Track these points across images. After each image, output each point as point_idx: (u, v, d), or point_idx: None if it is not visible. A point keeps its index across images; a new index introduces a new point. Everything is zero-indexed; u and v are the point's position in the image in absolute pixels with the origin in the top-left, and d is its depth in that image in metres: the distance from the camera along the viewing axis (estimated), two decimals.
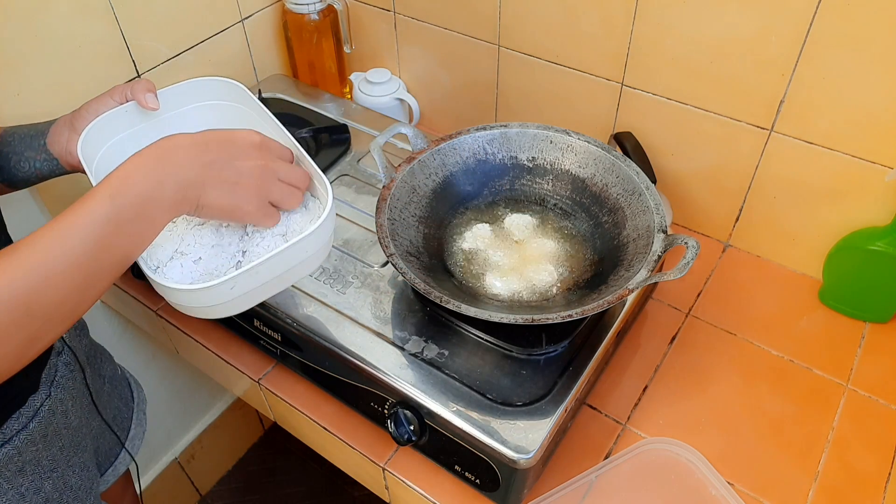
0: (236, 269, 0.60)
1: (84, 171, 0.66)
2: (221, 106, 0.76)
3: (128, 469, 0.94)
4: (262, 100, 0.80)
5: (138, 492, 1.01)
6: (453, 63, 1.09)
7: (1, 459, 0.63)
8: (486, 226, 0.81)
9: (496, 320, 0.65)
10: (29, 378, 0.66)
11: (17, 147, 0.71)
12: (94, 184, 0.62)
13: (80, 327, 0.83)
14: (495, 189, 0.85)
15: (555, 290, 0.75)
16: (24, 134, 0.71)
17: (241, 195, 0.58)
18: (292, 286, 0.79)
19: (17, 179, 0.72)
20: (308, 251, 0.62)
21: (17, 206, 0.92)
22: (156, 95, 0.69)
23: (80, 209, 0.49)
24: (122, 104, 0.69)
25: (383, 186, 0.78)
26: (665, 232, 0.71)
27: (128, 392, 0.93)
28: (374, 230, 0.73)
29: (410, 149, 0.82)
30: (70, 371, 0.72)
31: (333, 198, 0.62)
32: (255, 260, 0.59)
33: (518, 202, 0.85)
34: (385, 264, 0.82)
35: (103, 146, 0.69)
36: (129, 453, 0.90)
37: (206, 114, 0.76)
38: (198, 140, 0.57)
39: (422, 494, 0.74)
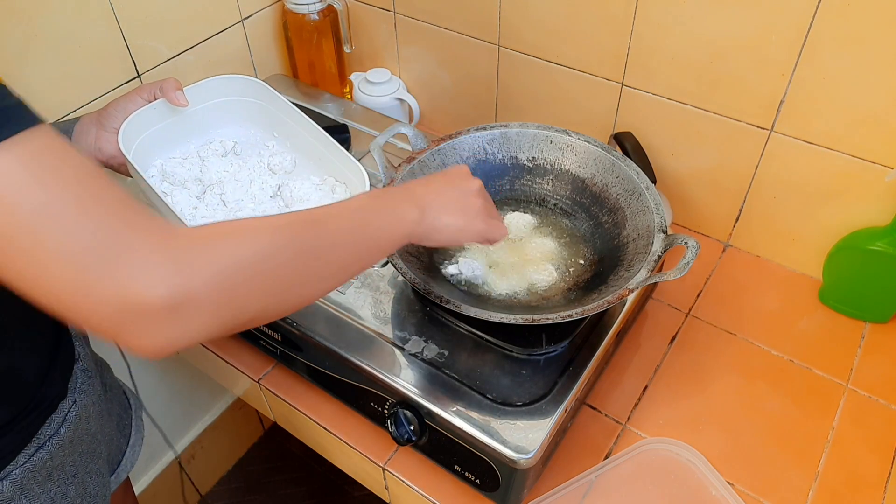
0: None
1: (113, 167, 0.74)
2: (244, 102, 0.83)
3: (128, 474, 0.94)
4: None
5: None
6: (453, 63, 1.09)
7: (36, 464, 0.64)
8: None
9: (496, 320, 0.65)
10: (60, 383, 0.67)
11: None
12: (136, 168, 0.71)
13: (85, 337, 0.83)
14: (495, 189, 0.85)
15: (555, 290, 0.75)
16: None
17: (470, 217, 0.64)
18: None
19: None
20: None
21: None
22: (183, 93, 0.75)
23: (354, 199, 0.59)
24: (150, 101, 0.75)
25: (383, 186, 0.78)
26: (665, 232, 0.71)
27: (125, 399, 0.93)
28: None
29: (410, 149, 0.82)
30: (88, 377, 0.73)
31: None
32: None
33: (518, 202, 0.85)
34: (385, 264, 0.82)
35: (136, 140, 0.75)
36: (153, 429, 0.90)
37: (230, 109, 0.83)
38: (437, 176, 0.66)
39: (422, 494, 0.74)
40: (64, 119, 0.91)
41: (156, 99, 0.75)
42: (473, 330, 0.74)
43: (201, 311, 0.42)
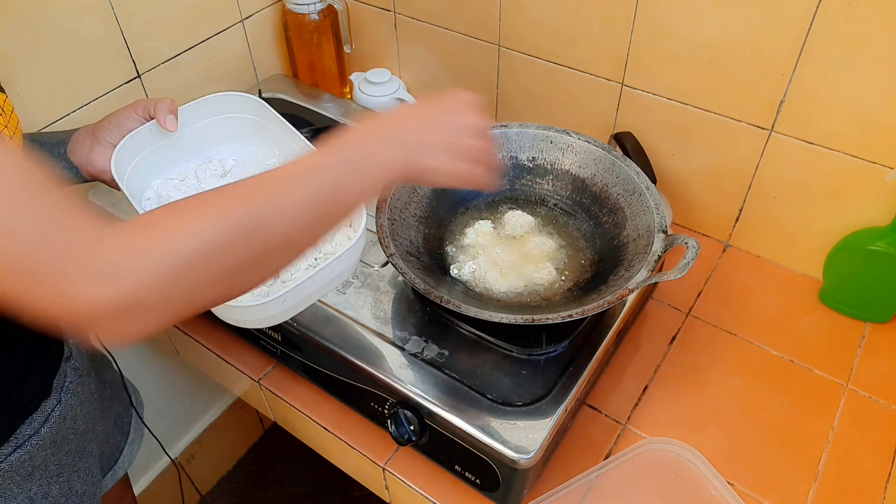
0: (281, 284, 0.68)
1: (105, 182, 0.73)
2: (240, 119, 0.82)
3: (126, 472, 0.94)
4: (263, 100, 0.81)
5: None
6: (453, 63, 1.09)
7: (14, 464, 0.63)
8: (488, 222, 0.82)
9: (496, 320, 0.65)
10: (41, 383, 0.66)
11: (38, 154, 0.72)
12: (128, 197, 0.70)
13: None
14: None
15: (555, 290, 0.75)
16: (45, 142, 0.73)
17: (459, 159, 0.56)
18: None
19: None
20: (348, 261, 0.69)
21: None
22: (176, 117, 0.73)
23: (308, 158, 0.51)
24: (145, 118, 0.74)
25: (383, 186, 0.78)
26: (665, 232, 0.71)
27: (126, 397, 0.93)
28: (375, 230, 0.73)
29: None
30: (78, 376, 0.72)
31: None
32: (294, 276, 0.68)
33: (518, 202, 0.85)
34: (385, 264, 0.82)
35: (131, 163, 0.74)
36: (142, 437, 0.90)
37: (225, 126, 0.81)
38: (419, 106, 0.58)
39: (422, 494, 0.74)
40: (60, 125, 0.91)
41: (151, 118, 0.74)
42: (473, 330, 0.74)
43: (150, 309, 0.42)
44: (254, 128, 0.82)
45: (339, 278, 0.70)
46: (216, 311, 0.66)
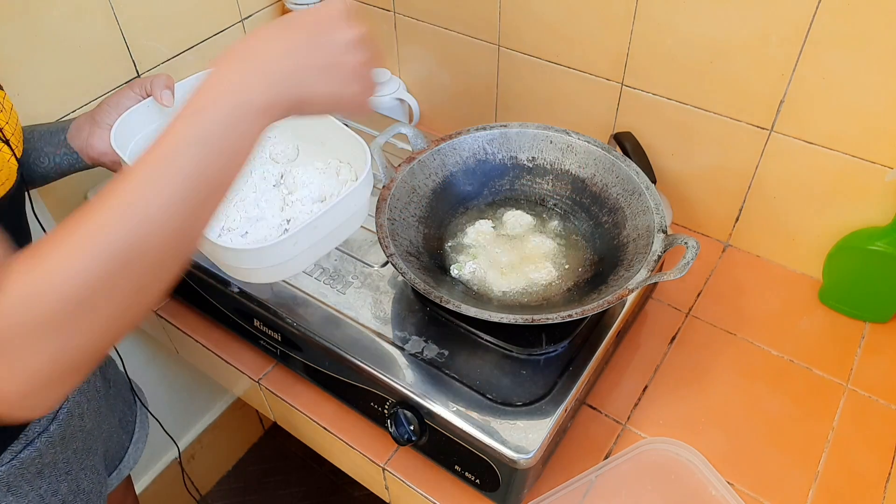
0: (285, 235, 0.63)
1: (105, 165, 0.73)
2: None
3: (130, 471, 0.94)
4: None
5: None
6: (453, 63, 1.09)
7: (24, 462, 0.64)
8: (488, 222, 0.82)
9: (496, 320, 0.65)
10: None
11: (37, 143, 0.72)
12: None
13: None
14: (495, 189, 0.85)
15: (555, 290, 0.75)
16: (44, 130, 0.73)
17: (344, 82, 0.49)
18: (292, 286, 0.80)
19: (35, 175, 0.73)
20: (355, 206, 0.68)
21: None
22: (172, 92, 0.71)
23: (165, 138, 0.43)
24: (142, 97, 0.72)
25: (383, 186, 0.78)
26: (665, 232, 0.71)
27: (131, 395, 0.93)
28: (374, 230, 0.73)
29: (410, 149, 0.82)
30: None
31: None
32: (301, 223, 0.65)
33: (518, 202, 0.85)
34: (385, 264, 0.82)
35: (132, 140, 0.72)
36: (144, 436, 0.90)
37: None
38: (278, 27, 0.48)
39: (422, 494, 0.74)
40: (63, 119, 0.91)
41: (148, 95, 0.73)
42: (473, 330, 0.74)
43: (49, 387, 0.39)
44: None
45: (351, 223, 0.70)
46: (228, 270, 0.65)
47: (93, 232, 0.39)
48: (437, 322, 0.75)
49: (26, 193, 0.66)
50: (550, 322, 0.64)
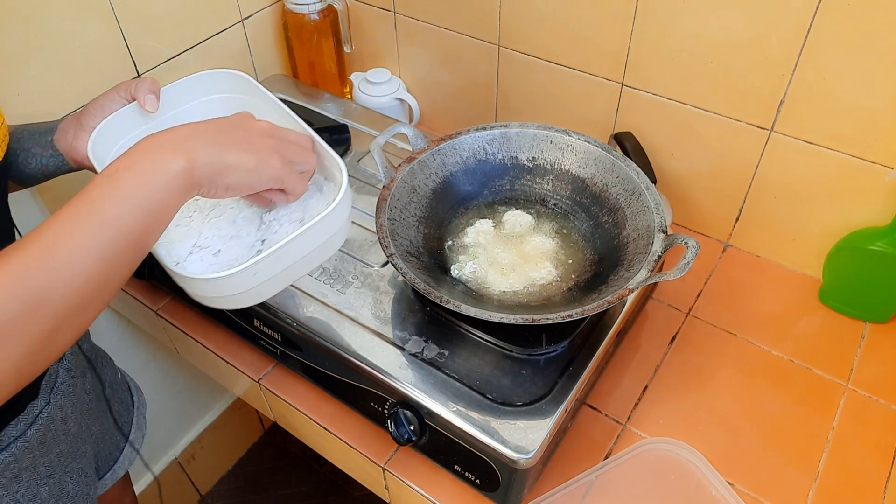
0: (239, 267, 0.58)
1: (90, 168, 0.68)
2: (229, 98, 0.76)
3: (127, 471, 0.94)
4: None
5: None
6: (453, 63, 1.09)
7: None
8: (488, 222, 0.82)
9: (496, 320, 0.65)
10: (29, 385, 0.66)
11: (26, 144, 0.71)
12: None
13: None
14: (495, 189, 0.85)
15: (555, 290, 0.75)
16: (33, 131, 0.72)
17: (262, 154, 0.54)
18: (291, 286, 0.79)
19: (24, 176, 0.72)
20: (327, 233, 0.61)
21: (18, 207, 0.91)
22: (157, 97, 0.68)
23: (87, 191, 0.46)
24: (127, 101, 0.69)
25: (383, 186, 0.78)
26: (665, 232, 0.71)
27: (128, 396, 0.93)
28: (374, 230, 0.73)
29: (410, 149, 0.82)
30: (70, 377, 0.72)
31: (349, 177, 0.61)
32: (274, 243, 0.58)
33: (518, 202, 0.85)
34: (385, 264, 0.82)
35: (114, 147, 0.69)
36: (137, 451, 0.89)
37: (214, 107, 0.75)
38: (201, 123, 0.55)
39: (422, 494, 0.74)
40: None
41: (133, 99, 0.69)
42: (473, 330, 0.74)
43: None
44: (245, 108, 0.73)
45: (324, 249, 0.63)
46: (182, 284, 0.59)
47: (11, 271, 0.42)
48: (438, 322, 0.75)
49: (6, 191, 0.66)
50: (550, 322, 0.64)
